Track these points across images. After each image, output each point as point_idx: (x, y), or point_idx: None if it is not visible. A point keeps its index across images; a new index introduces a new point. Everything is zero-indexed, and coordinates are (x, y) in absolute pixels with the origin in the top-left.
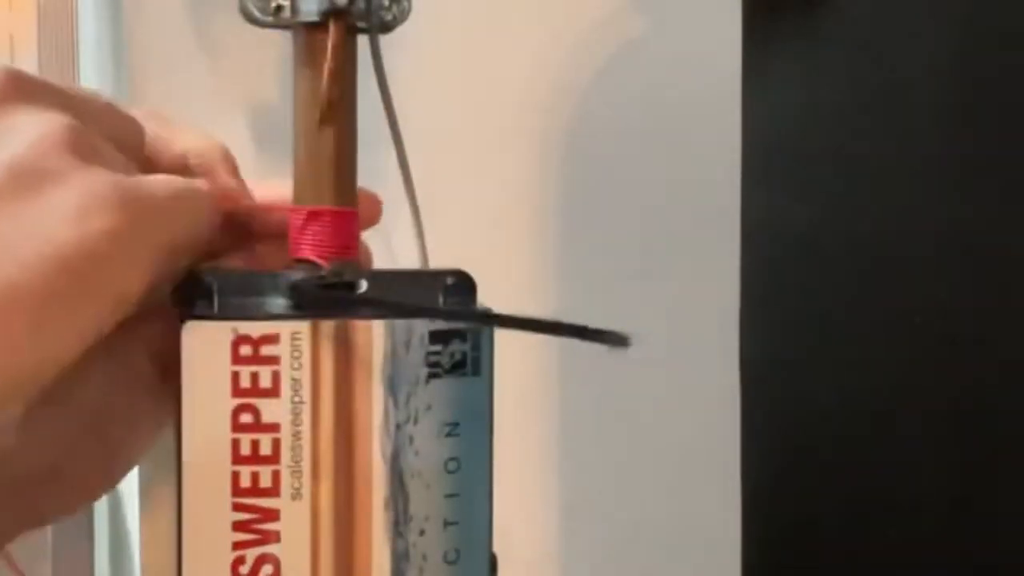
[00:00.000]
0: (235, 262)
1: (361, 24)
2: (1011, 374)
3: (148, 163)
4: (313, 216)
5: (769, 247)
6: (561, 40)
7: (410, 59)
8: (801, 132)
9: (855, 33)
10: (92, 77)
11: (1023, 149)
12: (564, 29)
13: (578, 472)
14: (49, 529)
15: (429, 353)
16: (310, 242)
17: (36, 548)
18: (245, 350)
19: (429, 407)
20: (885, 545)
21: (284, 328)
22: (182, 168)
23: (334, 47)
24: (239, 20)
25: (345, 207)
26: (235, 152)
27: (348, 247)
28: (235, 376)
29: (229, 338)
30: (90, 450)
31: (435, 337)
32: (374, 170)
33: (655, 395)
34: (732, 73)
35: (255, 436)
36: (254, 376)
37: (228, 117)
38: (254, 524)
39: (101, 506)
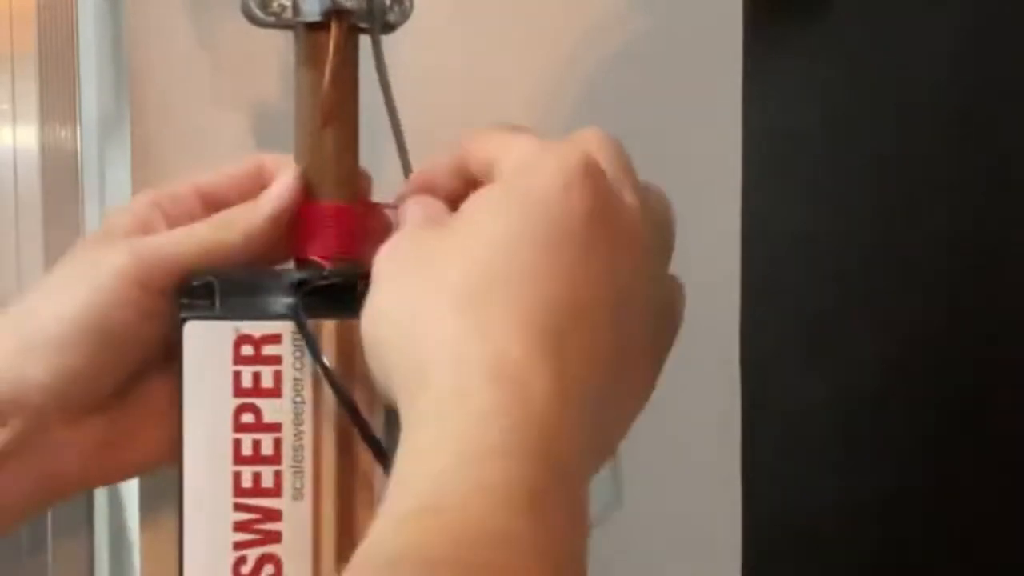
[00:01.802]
0: None
1: (363, 24)
2: (1011, 373)
3: None
4: (314, 215)
5: (769, 247)
6: (562, 40)
7: (411, 59)
8: (801, 132)
9: (855, 34)
10: (92, 77)
11: (1023, 149)
12: (564, 29)
13: None
14: (49, 522)
15: None
16: (312, 242)
17: (36, 541)
18: (247, 350)
19: None
20: (884, 544)
21: (286, 328)
22: None
23: (336, 47)
24: (240, 20)
25: (346, 206)
26: (236, 152)
27: (349, 246)
28: (237, 376)
29: (231, 338)
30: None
31: None
32: (375, 170)
33: (655, 394)
34: (732, 73)
35: (257, 436)
36: (256, 376)
37: (228, 117)
38: (256, 524)
39: (101, 499)
